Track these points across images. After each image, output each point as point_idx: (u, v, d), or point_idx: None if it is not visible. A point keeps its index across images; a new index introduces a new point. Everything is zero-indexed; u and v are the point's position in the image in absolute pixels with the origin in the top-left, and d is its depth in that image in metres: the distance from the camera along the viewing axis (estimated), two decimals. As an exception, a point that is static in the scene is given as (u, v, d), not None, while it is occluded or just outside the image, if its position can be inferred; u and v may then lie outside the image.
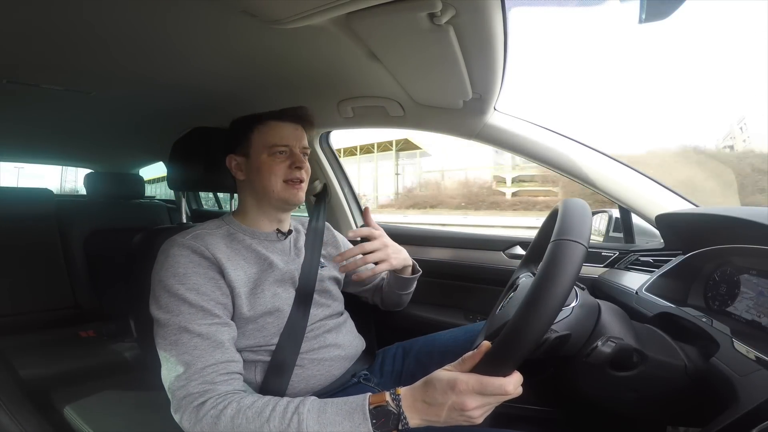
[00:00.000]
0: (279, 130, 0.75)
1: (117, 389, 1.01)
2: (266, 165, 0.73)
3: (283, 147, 0.75)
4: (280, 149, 0.74)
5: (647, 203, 0.92)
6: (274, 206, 0.77)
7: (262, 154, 0.74)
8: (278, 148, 0.74)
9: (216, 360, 0.57)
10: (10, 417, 0.76)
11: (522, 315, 0.41)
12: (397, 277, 0.90)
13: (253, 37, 0.69)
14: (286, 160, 0.75)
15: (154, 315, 0.61)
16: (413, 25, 0.56)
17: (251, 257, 0.72)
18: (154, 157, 1.98)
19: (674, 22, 15.28)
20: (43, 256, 1.53)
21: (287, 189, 0.74)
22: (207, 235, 0.68)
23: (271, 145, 0.74)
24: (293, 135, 0.76)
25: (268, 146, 0.74)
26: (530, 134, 0.97)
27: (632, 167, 0.95)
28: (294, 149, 0.75)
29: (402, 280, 0.90)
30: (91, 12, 0.61)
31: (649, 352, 0.53)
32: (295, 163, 0.74)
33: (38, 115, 1.21)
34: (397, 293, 0.93)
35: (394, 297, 0.94)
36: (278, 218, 0.79)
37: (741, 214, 0.63)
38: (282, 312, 0.70)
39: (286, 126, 0.76)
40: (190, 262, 0.63)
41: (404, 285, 0.91)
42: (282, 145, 0.74)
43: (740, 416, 0.42)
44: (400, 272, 0.89)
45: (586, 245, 0.42)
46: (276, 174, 0.73)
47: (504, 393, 0.44)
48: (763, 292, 0.60)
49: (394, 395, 0.49)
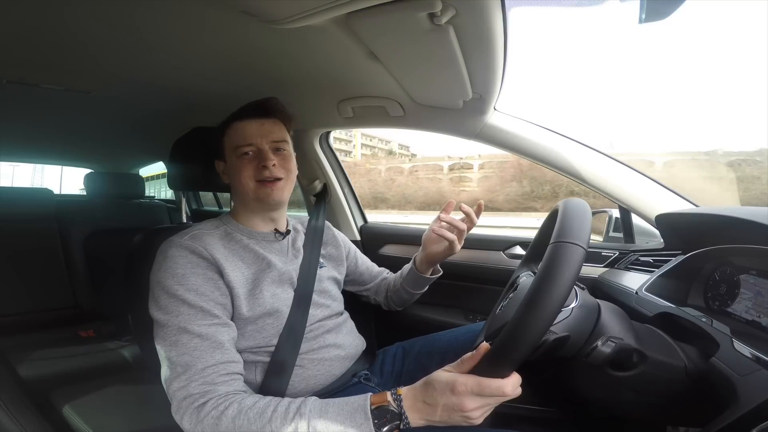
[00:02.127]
0: (241, 130, 0.72)
1: (117, 389, 1.01)
2: (236, 167, 0.72)
3: (247, 147, 0.71)
4: (244, 149, 0.71)
5: (647, 203, 0.92)
6: (257, 207, 0.75)
7: (231, 157, 0.73)
8: (243, 149, 0.71)
9: (216, 360, 0.57)
10: (10, 417, 0.76)
11: (520, 317, 0.41)
12: (418, 275, 0.91)
13: (253, 37, 0.69)
14: (254, 159, 0.72)
15: (153, 316, 0.61)
16: (413, 25, 0.56)
17: (249, 257, 0.71)
18: (154, 157, 1.98)
19: (674, 23, 15.30)
20: (43, 256, 1.53)
21: (261, 189, 0.71)
22: (205, 236, 0.68)
23: (235, 146, 0.72)
24: (257, 132, 0.72)
25: (234, 148, 0.72)
26: (530, 134, 0.97)
27: (632, 167, 0.95)
28: (261, 146, 0.71)
29: (422, 279, 0.91)
30: (91, 12, 0.62)
31: (649, 352, 0.53)
32: (261, 162, 0.71)
33: (38, 115, 1.21)
34: (410, 292, 0.93)
35: (405, 295, 0.95)
36: (270, 217, 0.77)
37: (741, 214, 0.63)
38: (281, 313, 0.70)
39: (249, 124, 0.73)
40: (188, 263, 0.63)
41: (421, 284, 0.92)
42: (245, 144, 0.71)
43: (740, 416, 0.42)
44: (424, 271, 0.90)
45: (585, 247, 0.42)
46: (246, 176, 0.71)
47: (502, 394, 0.45)
48: (762, 292, 0.60)
49: (396, 395, 0.49)
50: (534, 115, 17.49)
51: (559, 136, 0.98)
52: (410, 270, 0.93)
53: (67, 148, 1.77)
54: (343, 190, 1.35)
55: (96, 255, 1.61)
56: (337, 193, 1.33)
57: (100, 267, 1.61)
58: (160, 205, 1.98)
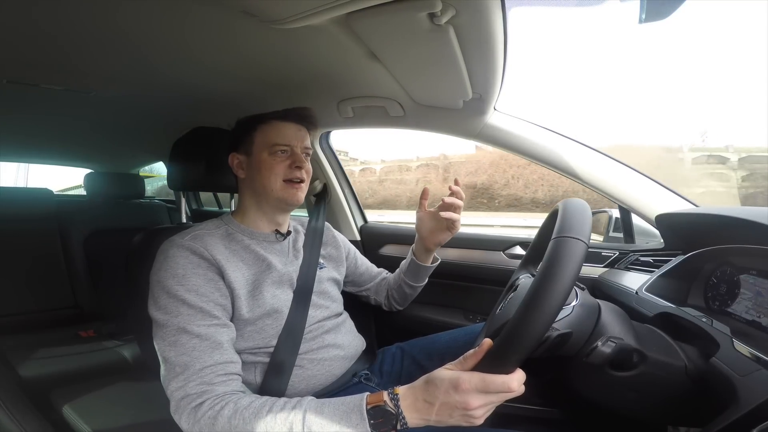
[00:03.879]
0: (281, 130, 0.75)
1: (116, 389, 1.01)
2: (266, 163, 0.73)
3: (285, 146, 0.74)
4: (281, 148, 0.74)
5: (647, 203, 0.92)
6: (273, 206, 0.76)
7: (263, 153, 0.74)
8: (279, 147, 0.74)
9: (215, 361, 0.57)
10: (10, 417, 0.76)
11: (524, 311, 0.41)
12: (418, 265, 0.92)
13: (253, 37, 0.69)
14: (287, 159, 0.74)
15: (152, 316, 0.61)
16: (413, 25, 0.56)
17: (249, 258, 0.71)
18: (154, 157, 1.98)
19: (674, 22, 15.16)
20: (43, 256, 1.53)
21: (286, 188, 0.74)
22: (206, 236, 0.68)
23: (272, 144, 0.74)
24: (295, 135, 0.76)
25: (270, 145, 0.74)
26: (530, 134, 0.97)
27: (632, 167, 0.95)
28: (295, 149, 0.75)
29: (423, 269, 0.92)
30: (90, 12, 0.61)
31: (649, 352, 0.53)
32: (295, 163, 0.74)
33: (38, 115, 1.21)
34: (411, 285, 0.94)
35: (406, 290, 0.95)
36: (277, 219, 0.78)
37: (741, 214, 0.63)
38: (281, 314, 0.70)
39: (289, 126, 0.76)
40: (189, 263, 0.63)
41: (422, 275, 0.94)
42: (283, 144, 0.74)
43: (740, 416, 0.42)
44: (424, 260, 0.91)
45: (586, 242, 0.42)
46: (276, 173, 0.73)
47: (508, 390, 0.44)
48: (762, 292, 0.60)
49: (393, 395, 0.48)
50: (534, 116, 17.70)
51: (559, 136, 0.98)
52: (410, 262, 0.93)
53: (67, 148, 1.77)
54: (343, 191, 1.35)
55: (96, 255, 1.61)
56: (337, 193, 1.33)
57: (100, 267, 1.61)
58: (160, 205, 1.98)
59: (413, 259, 0.93)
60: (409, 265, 0.94)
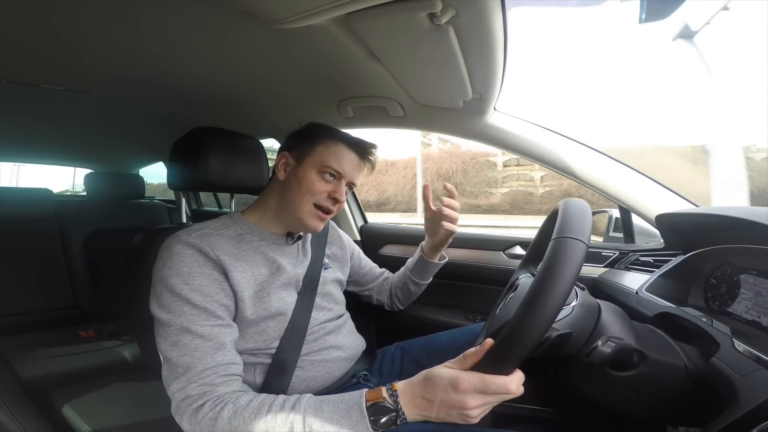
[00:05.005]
0: (341, 154, 0.72)
1: (116, 389, 1.01)
2: (309, 180, 0.70)
3: (336, 173, 0.72)
4: (331, 172, 0.71)
5: (647, 203, 0.92)
6: (291, 221, 0.74)
7: (312, 169, 0.71)
8: (330, 171, 0.71)
9: (217, 362, 0.57)
10: (10, 417, 0.76)
11: (524, 312, 0.41)
12: (427, 261, 0.93)
13: (253, 37, 0.69)
14: (331, 186, 0.72)
15: (154, 313, 0.60)
16: (413, 25, 0.56)
17: (259, 260, 0.70)
18: (154, 157, 1.98)
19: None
20: (43, 257, 1.53)
21: (312, 215, 0.71)
22: (213, 236, 0.66)
23: (326, 164, 0.71)
24: (351, 167, 0.74)
25: (323, 164, 0.71)
26: (530, 134, 0.98)
27: (632, 167, 0.95)
28: (343, 180, 0.73)
29: (431, 266, 0.93)
30: (90, 12, 0.61)
31: (649, 352, 0.53)
32: (335, 193, 0.72)
33: (38, 115, 1.21)
34: (417, 282, 0.95)
35: (412, 287, 0.96)
36: (290, 229, 0.77)
37: (741, 214, 0.62)
38: (284, 316, 0.70)
39: (350, 154, 0.74)
40: (194, 262, 0.62)
41: (429, 272, 0.95)
42: (335, 170, 0.72)
43: (740, 416, 0.42)
44: (432, 256, 0.92)
45: (586, 242, 0.42)
46: (312, 193, 0.70)
47: (507, 391, 0.44)
48: (762, 292, 0.60)
49: (391, 391, 0.48)
50: (534, 116, 17.61)
51: (559, 136, 0.98)
52: (419, 258, 0.94)
53: (66, 148, 1.77)
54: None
55: (96, 255, 1.61)
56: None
57: (100, 267, 1.61)
58: (160, 206, 1.98)
59: (422, 255, 0.93)
60: (417, 262, 0.94)
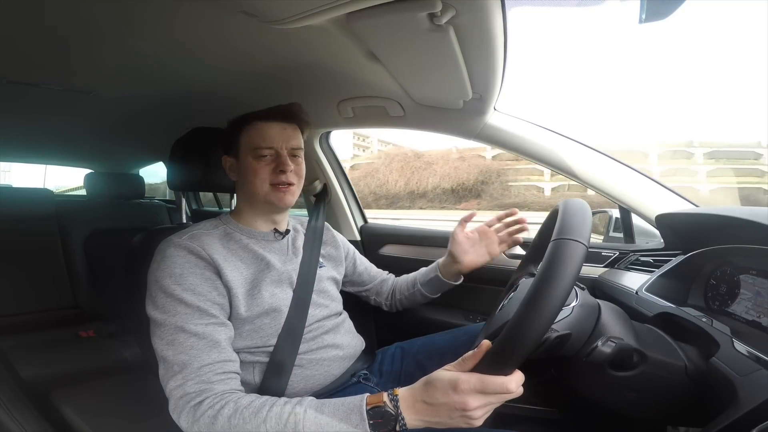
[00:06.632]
0: (263, 131, 0.72)
1: (117, 389, 1.01)
2: (251, 168, 0.71)
3: (268, 149, 0.71)
4: (263, 152, 0.71)
5: (647, 203, 0.92)
6: (265, 208, 0.75)
7: (247, 157, 0.72)
8: (262, 151, 0.71)
9: (213, 360, 0.57)
10: (10, 417, 0.76)
11: (523, 313, 0.41)
12: (443, 282, 0.92)
13: (253, 37, 0.69)
14: (272, 162, 0.71)
15: (150, 315, 0.61)
16: (413, 25, 0.56)
17: (248, 257, 0.71)
18: (154, 157, 1.98)
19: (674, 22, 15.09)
20: (43, 257, 1.53)
21: (273, 193, 0.72)
22: (203, 236, 0.68)
23: (255, 147, 0.71)
24: (279, 136, 0.72)
25: (253, 148, 0.71)
26: (530, 134, 0.97)
27: (632, 167, 0.95)
28: (281, 151, 0.72)
29: (445, 285, 0.93)
30: (91, 12, 0.62)
31: (649, 352, 0.53)
32: (279, 167, 0.71)
33: (38, 115, 1.21)
34: (426, 296, 0.94)
35: (419, 299, 0.96)
36: (273, 219, 0.78)
37: (741, 214, 0.62)
38: (280, 313, 0.70)
39: (272, 126, 0.72)
40: (186, 263, 0.63)
41: (443, 289, 0.94)
42: (266, 147, 0.71)
43: (740, 416, 0.42)
44: (451, 278, 0.91)
45: (586, 244, 0.42)
46: (261, 178, 0.71)
47: (506, 391, 0.44)
48: (762, 292, 0.60)
49: (392, 396, 0.49)
50: (534, 116, 17.88)
51: (559, 136, 0.98)
52: (434, 278, 0.92)
53: (66, 148, 1.77)
54: (343, 191, 1.35)
55: (96, 255, 1.61)
56: (336, 193, 1.33)
57: (100, 267, 1.61)
58: (160, 206, 1.98)
59: (438, 275, 0.91)
60: (431, 280, 0.93)
